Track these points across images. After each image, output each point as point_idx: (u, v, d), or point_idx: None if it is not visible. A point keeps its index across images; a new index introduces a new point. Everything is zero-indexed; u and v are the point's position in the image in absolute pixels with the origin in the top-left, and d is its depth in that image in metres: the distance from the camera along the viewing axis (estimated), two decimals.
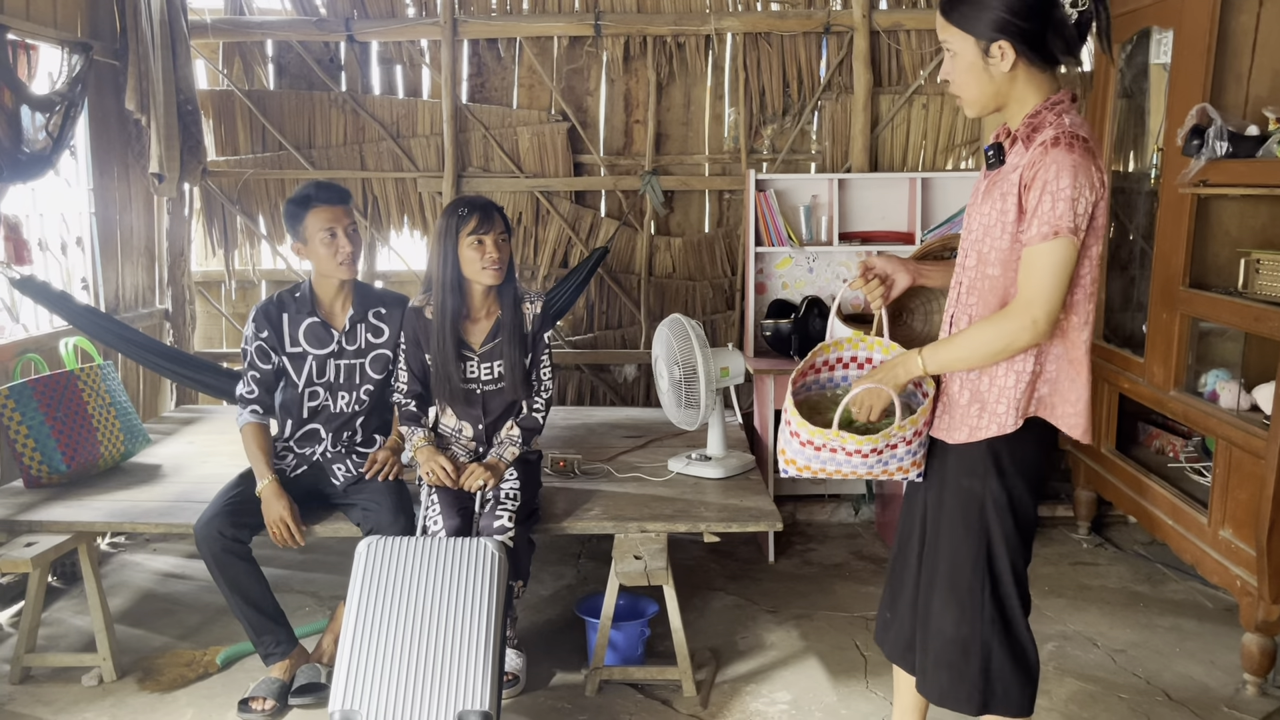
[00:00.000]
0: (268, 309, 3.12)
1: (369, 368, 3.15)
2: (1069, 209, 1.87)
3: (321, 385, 3.13)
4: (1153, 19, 3.78)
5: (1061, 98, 1.97)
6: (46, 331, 3.83)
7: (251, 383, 3.12)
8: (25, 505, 3.18)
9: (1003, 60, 1.94)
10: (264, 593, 2.98)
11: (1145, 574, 3.99)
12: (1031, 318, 1.92)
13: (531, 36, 4.68)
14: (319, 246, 3.03)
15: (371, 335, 3.15)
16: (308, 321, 3.10)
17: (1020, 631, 2.15)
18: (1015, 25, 1.91)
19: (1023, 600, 2.15)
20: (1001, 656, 2.12)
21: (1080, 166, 1.87)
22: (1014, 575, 2.12)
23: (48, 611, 3.54)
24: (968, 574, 2.12)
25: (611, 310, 4.91)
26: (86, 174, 4.13)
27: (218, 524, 2.88)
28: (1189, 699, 3.03)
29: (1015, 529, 2.10)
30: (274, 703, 2.89)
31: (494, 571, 2.62)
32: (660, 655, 3.23)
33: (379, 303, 3.19)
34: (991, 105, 2.03)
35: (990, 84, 1.98)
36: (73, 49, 3.82)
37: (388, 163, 4.78)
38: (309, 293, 3.13)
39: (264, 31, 4.70)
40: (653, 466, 3.56)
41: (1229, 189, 3.23)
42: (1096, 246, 1.97)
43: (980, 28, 1.93)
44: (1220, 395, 3.32)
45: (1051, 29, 1.91)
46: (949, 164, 4.68)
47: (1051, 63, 1.97)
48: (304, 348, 3.11)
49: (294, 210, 3.06)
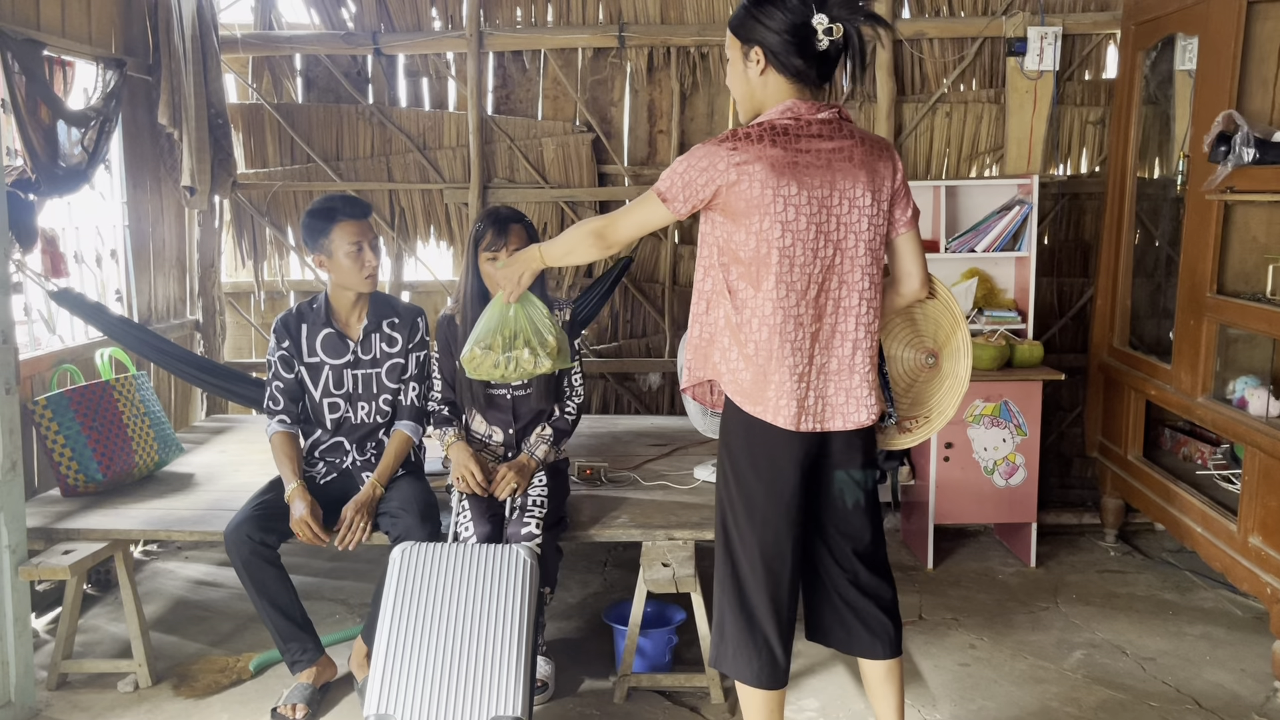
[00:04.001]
0: (287, 320, 3.17)
1: (385, 377, 3.18)
2: (667, 177, 2.20)
3: (340, 396, 3.16)
4: (1177, 25, 3.78)
5: (790, 105, 2.18)
6: (82, 343, 3.89)
7: (277, 393, 3.16)
8: (62, 514, 3.23)
9: (756, 66, 2.20)
10: (291, 600, 3.02)
11: (1174, 582, 3.97)
12: (599, 224, 2.34)
13: (556, 48, 4.72)
14: (344, 260, 3.05)
15: (386, 345, 3.18)
16: (324, 332, 3.15)
17: (754, 605, 2.29)
18: (769, 38, 2.16)
19: (773, 579, 2.28)
20: (734, 624, 2.31)
21: (701, 150, 2.16)
22: (744, 547, 2.29)
23: (84, 618, 3.60)
24: (718, 536, 2.36)
25: (636, 319, 4.93)
26: (120, 187, 4.19)
27: (246, 529, 2.92)
28: (1219, 707, 3.02)
29: (741, 501, 2.28)
30: (306, 708, 2.92)
31: (526, 578, 2.65)
32: (688, 662, 3.25)
33: (393, 312, 3.21)
34: (751, 104, 2.26)
35: (747, 85, 2.24)
36: (107, 65, 3.89)
37: (414, 174, 4.83)
38: (325, 304, 3.17)
39: (292, 46, 4.77)
40: (679, 474, 3.58)
41: (1256, 195, 3.22)
42: (740, 234, 2.16)
43: (744, 34, 2.21)
44: (1249, 402, 3.31)
45: (799, 48, 2.15)
46: (973, 172, 4.69)
47: (799, 78, 2.19)
48: (321, 357, 3.15)
49: (317, 224, 3.07)
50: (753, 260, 2.17)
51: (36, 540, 3.06)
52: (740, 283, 2.21)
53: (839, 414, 2.25)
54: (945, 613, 3.68)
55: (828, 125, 2.19)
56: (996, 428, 4.04)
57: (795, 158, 2.14)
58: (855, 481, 2.33)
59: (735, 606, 2.31)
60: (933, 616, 3.66)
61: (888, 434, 2.50)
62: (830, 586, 2.40)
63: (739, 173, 2.12)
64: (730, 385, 2.26)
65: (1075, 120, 4.60)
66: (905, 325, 2.50)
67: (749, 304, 2.20)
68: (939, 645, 3.42)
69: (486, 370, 2.71)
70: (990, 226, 4.23)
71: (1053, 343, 4.72)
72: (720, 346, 2.27)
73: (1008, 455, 4.05)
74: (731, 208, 2.16)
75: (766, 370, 2.20)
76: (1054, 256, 4.73)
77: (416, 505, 3.02)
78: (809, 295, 2.18)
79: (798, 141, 2.15)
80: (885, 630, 2.39)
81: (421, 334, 3.23)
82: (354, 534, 2.94)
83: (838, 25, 2.14)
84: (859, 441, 2.31)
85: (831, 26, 2.13)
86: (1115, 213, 4.23)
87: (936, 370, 2.48)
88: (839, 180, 2.17)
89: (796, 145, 2.15)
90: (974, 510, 4.11)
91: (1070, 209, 4.69)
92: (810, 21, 2.13)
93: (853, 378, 2.25)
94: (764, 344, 2.19)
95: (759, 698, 2.33)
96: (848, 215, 2.19)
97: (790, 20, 2.14)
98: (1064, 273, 4.75)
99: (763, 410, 2.22)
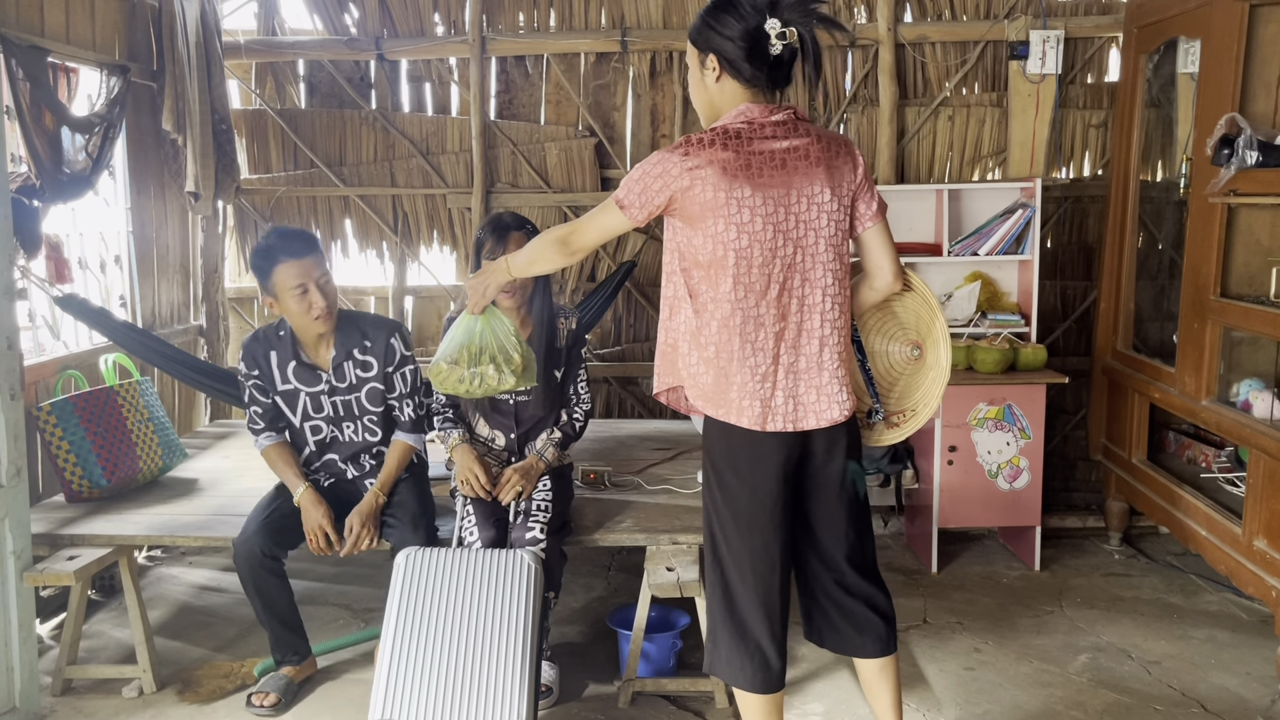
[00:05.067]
0: (253, 350, 3.06)
1: (366, 400, 3.10)
2: (625, 185, 2.22)
3: (321, 419, 3.10)
4: (1180, 29, 3.78)
5: (744, 109, 2.20)
6: (86, 348, 3.90)
7: (257, 416, 3.09)
8: (66, 519, 3.24)
9: (713, 73, 2.22)
10: (290, 606, 3.05)
11: (1178, 585, 3.96)
12: (560, 234, 2.33)
13: (559, 53, 4.72)
14: (290, 303, 2.93)
15: (360, 370, 3.07)
16: (293, 364, 3.06)
17: (744, 611, 2.30)
18: (724, 45, 2.19)
19: (761, 582, 2.28)
20: (725, 630, 2.32)
21: (655, 158, 2.18)
22: (732, 554, 2.29)
23: (88, 624, 3.60)
24: (706, 543, 2.38)
25: (639, 323, 4.93)
26: (124, 193, 4.20)
27: (257, 542, 2.93)
28: (1224, 710, 3.01)
29: (726, 508, 2.29)
30: (277, 697, 2.97)
31: (530, 583, 2.65)
32: (692, 667, 3.24)
33: (362, 336, 3.07)
34: (709, 111, 2.29)
35: (705, 92, 2.27)
36: (111, 71, 3.90)
37: (417, 179, 4.84)
38: (290, 336, 3.06)
39: (296, 51, 4.78)
40: (683, 478, 3.58)
41: (1259, 198, 3.22)
42: (698, 238, 2.18)
43: (701, 43, 2.24)
44: (1253, 405, 3.30)
45: (752, 54, 2.17)
46: (975, 175, 4.69)
47: (753, 83, 2.21)
48: (295, 385, 3.06)
49: (258, 263, 2.93)
50: (710, 263, 2.18)
51: (41, 546, 3.06)
52: (701, 285, 2.23)
53: (811, 412, 2.25)
54: (949, 616, 3.68)
55: (781, 126, 2.20)
56: (1000, 431, 4.03)
57: (748, 160, 2.15)
58: (840, 481, 2.32)
59: (725, 613, 2.32)
60: (937, 620, 3.65)
61: (875, 430, 2.51)
62: (818, 588, 2.40)
63: (691, 178, 2.14)
64: (693, 390, 2.28)
65: (1078, 123, 4.60)
66: (887, 319, 2.52)
67: (708, 307, 2.21)
68: (943, 649, 3.41)
69: (452, 385, 2.68)
70: (993, 230, 4.23)
71: (1056, 346, 4.71)
72: (682, 352, 2.28)
73: (1011, 459, 4.05)
74: (687, 212, 2.18)
75: (727, 372, 2.21)
76: (1057, 260, 4.72)
77: (409, 512, 3.02)
78: (770, 295, 2.19)
79: (750, 144, 2.17)
80: (875, 629, 2.39)
81: (400, 353, 3.10)
82: (360, 544, 2.95)
83: (790, 29, 2.15)
84: (842, 440, 2.31)
85: (785, 30, 2.15)
86: (1118, 216, 4.23)
87: (921, 361, 2.48)
88: (796, 179, 2.18)
89: (749, 148, 2.16)
90: (978, 514, 4.10)
91: (1073, 212, 4.69)
92: (763, 26, 2.15)
93: (822, 375, 2.25)
94: (724, 346, 2.21)
95: (755, 702, 2.33)
96: (807, 213, 2.20)
97: (743, 26, 2.15)
98: (1067, 276, 4.75)
99: (725, 413, 2.23)
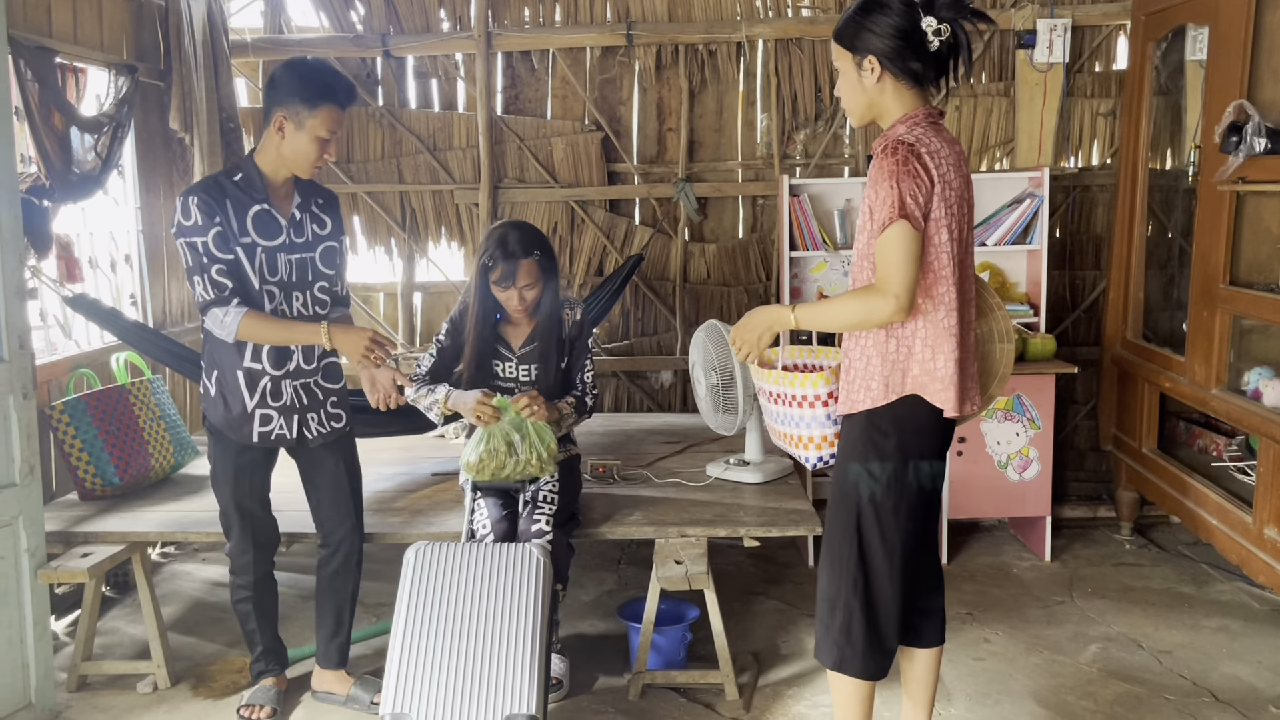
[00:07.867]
0: (209, 191, 2.70)
1: (319, 261, 2.88)
2: (896, 199, 2.12)
3: (275, 284, 2.79)
4: (1188, 16, 3.76)
5: (917, 113, 2.22)
6: (98, 347, 3.92)
7: (219, 276, 2.68)
8: (80, 517, 3.26)
9: (872, 74, 2.22)
10: (275, 613, 3.12)
11: (1190, 574, 3.96)
12: (893, 293, 2.13)
13: (564, 48, 4.72)
14: (307, 144, 2.69)
15: (317, 227, 2.88)
16: (255, 209, 2.74)
17: (883, 603, 2.31)
18: (881, 45, 2.19)
19: (904, 573, 2.31)
20: (860, 622, 2.32)
21: (898, 169, 2.12)
22: (885, 546, 2.29)
23: (102, 620, 3.63)
24: (838, 538, 2.34)
25: (647, 317, 4.94)
26: (134, 192, 4.22)
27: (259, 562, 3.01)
28: (1236, 700, 3.01)
29: (888, 499, 2.27)
30: (272, 709, 2.99)
31: (539, 576, 2.66)
32: (702, 659, 3.25)
33: (317, 193, 2.92)
34: (866, 115, 2.30)
35: (864, 95, 2.26)
36: (119, 71, 3.91)
37: (425, 175, 4.85)
38: (257, 175, 2.76)
39: (302, 49, 4.78)
40: (691, 472, 3.58)
41: (1268, 186, 3.21)
42: (940, 235, 2.19)
43: (856, 45, 2.23)
44: (1263, 393, 3.29)
45: (912, 52, 2.19)
46: (983, 165, 4.67)
47: (916, 81, 2.23)
48: (254, 238, 2.74)
49: (303, 89, 2.66)
50: (931, 260, 2.21)
51: (55, 544, 3.08)
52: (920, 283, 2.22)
53: (972, 399, 2.34)
54: (960, 607, 3.68)
55: (943, 129, 2.27)
56: (1010, 422, 4.03)
57: (940, 162, 2.20)
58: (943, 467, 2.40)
59: (863, 606, 2.32)
60: (948, 611, 3.62)
61: None
62: None
63: (930, 177, 2.18)
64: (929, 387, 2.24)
65: (1086, 112, 4.58)
66: None
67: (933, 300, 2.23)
68: (954, 640, 3.41)
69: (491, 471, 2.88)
70: (1001, 220, 4.22)
71: (1065, 336, 4.70)
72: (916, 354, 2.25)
73: (1021, 449, 4.04)
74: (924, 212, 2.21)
75: (955, 359, 2.24)
76: (1065, 249, 4.71)
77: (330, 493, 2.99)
78: (961, 287, 2.26)
79: (940, 146, 2.22)
80: (939, 616, 2.50)
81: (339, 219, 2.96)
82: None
83: (946, 26, 2.18)
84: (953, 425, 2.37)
85: (940, 28, 2.18)
86: (1127, 205, 4.21)
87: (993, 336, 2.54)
88: (962, 179, 2.26)
89: (940, 151, 2.21)
90: (988, 504, 4.10)
91: (1081, 201, 4.68)
92: (920, 25, 2.18)
93: (974, 364, 2.36)
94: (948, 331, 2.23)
95: (867, 689, 2.39)
96: (968, 213, 2.30)
97: (900, 25, 2.18)
98: (1076, 265, 4.73)
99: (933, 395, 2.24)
